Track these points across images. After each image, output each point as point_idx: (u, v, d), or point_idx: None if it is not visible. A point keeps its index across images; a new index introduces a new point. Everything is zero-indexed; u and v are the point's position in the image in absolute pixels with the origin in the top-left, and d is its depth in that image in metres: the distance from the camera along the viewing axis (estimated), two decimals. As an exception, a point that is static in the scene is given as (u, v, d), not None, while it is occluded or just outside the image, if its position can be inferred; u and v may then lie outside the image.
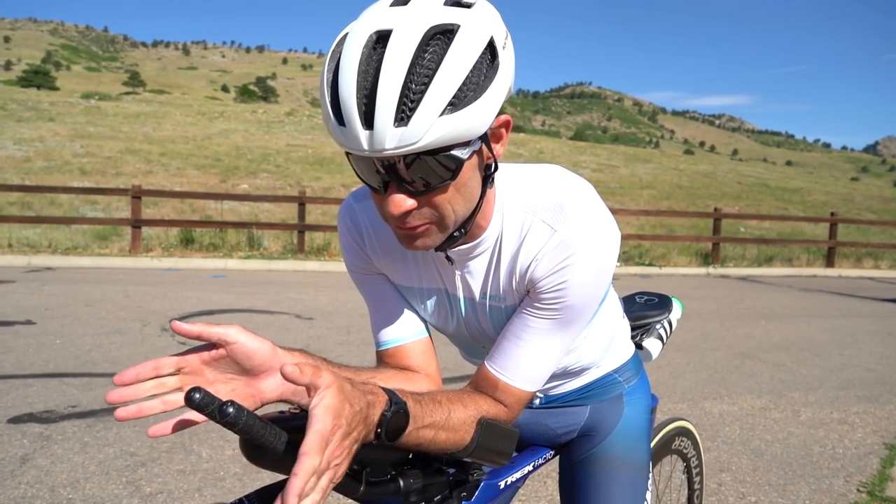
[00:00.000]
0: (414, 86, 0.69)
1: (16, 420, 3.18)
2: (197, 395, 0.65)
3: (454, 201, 0.79)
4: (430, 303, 1.04)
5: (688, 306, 7.83)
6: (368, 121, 0.70)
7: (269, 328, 5.50)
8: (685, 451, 1.71)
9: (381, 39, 0.71)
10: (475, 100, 0.72)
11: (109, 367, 4.14)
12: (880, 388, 4.46)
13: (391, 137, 0.70)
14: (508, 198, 0.93)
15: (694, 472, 1.78)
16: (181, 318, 4.41)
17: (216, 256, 10.47)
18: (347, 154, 0.78)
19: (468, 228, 0.87)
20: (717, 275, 12.06)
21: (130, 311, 5.90)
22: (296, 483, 0.57)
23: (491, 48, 0.73)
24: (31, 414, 3.26)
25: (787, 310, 7.90)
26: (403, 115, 0.69)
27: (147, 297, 6.68)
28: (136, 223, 10.44)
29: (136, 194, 10.53)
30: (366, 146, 0.71)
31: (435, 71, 0.69)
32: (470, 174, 0.79)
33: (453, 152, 0.74)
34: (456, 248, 0.94)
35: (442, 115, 0.70)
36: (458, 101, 0.71)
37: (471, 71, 0.71)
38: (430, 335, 1.08)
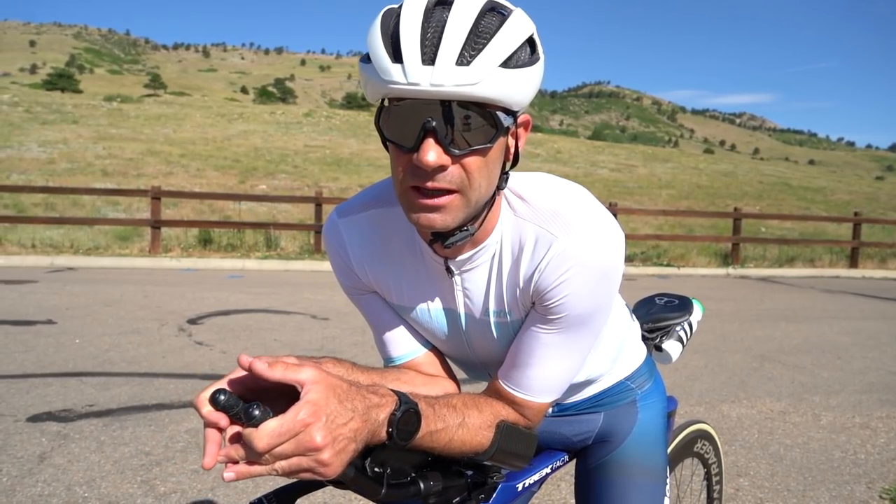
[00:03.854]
0: (477, 37, 0.74)
1: (35, 418, 3.22)
2: (222, 397, 0.65)
3: (482, 174, 0.79)
4: (429, 323, 1.00)
5: (706, 307, 7.68)
6: (431, 57, 0.72)
7: (284, 328, 5.53)
8: (706, 455, 1.68)
9: (443, 3, 0.76)
10: (526, 67, 0.76)
11: (127, 366, 4.19)
12: (904, 392, 4.36)
13: (452, 74, 0.72)
14: (504, 206, 0.91)
15: (714, 479, 1.75)
16: (197, 319, 4.40)
17: (234, 257, 10.57)
18: (381, 109, 0.78)
19: (478, 226, 0.86)
20: (736, 275, 11.90)
21: (149, 311, 5.97)
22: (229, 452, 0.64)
23: (531, 42, 0.79)
24: (49, 413, 3.31)
25: (809, 311, 7.76)
26: (465, 57, 0.73)
27: (165, 297, 6.75)
28: (156, 224, 10.58)
29: (156, 195, 10.67)
30: (425, 82, 0.72)
31: (496, 31, 0.75)
32: (498, 154, 0.81)
33: (499, 114, 0.76)
34: (458, 257, 0.91)
35: (500, 66, 0.74)
36: (513, 62, 0.75)
37: (520, 46, 0.76)
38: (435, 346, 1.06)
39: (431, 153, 0.74)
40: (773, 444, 3.34)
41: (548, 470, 1.18)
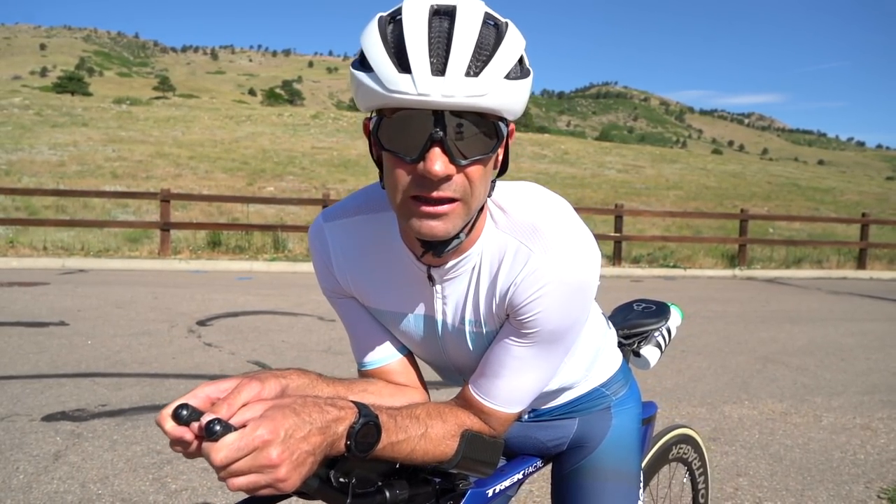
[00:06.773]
0: (482, 49, 0.76)
1: (49, 418, 3.31)
2: (184, 412, 0.65)
3: (483, 182, 0.81)
4: (407, 328, 1.01)
5: (712, 309, 7.76)
6: (440, 68, 0.73)
7: (292, 330, 5.60)
8: (685, 456, 1.72)
9: (440, 13, 0.77)
10: (523, 78, 0.79)
11: (138, 367, 4.27)
12: (907, 394, 4.38)
13: (463, 86, 0.73)
14: (487, 217, 0.91)
15: (697, 473, 1.79)
16: (206, 320, 4.46)
17: (242, 258, 10.67)
18: (381, 118, 0.78)
19: (468, 232, 0.86)
20: (743, 277, 11.89)
21: (159, 313, 6.06)
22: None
23: (521, 59, 0.81)
24: (63, 412, 3.39)
25: (814, 313, 7.77)
26: (473, 69, 0.74)
27: (175, 299, 6.84)
28: (165, 226, 10.69)
29: (165, 198, 10.78)
30: (436, 93, 0.73)
31: (497, 43, 0.77)
32: (494, 163, 0.84)
33: (500, 124, 0.79)
34: (441, 266, 0.92)
35: (505, 77, 0.76)
36: (513, 74, 0.78)
37: (519, 59, 0.79)
38: (410, 352, 1.07)
39: (439, 163, 0.75)
40: (773, 444, 3.38)
41: (520, 475, 1.19)
